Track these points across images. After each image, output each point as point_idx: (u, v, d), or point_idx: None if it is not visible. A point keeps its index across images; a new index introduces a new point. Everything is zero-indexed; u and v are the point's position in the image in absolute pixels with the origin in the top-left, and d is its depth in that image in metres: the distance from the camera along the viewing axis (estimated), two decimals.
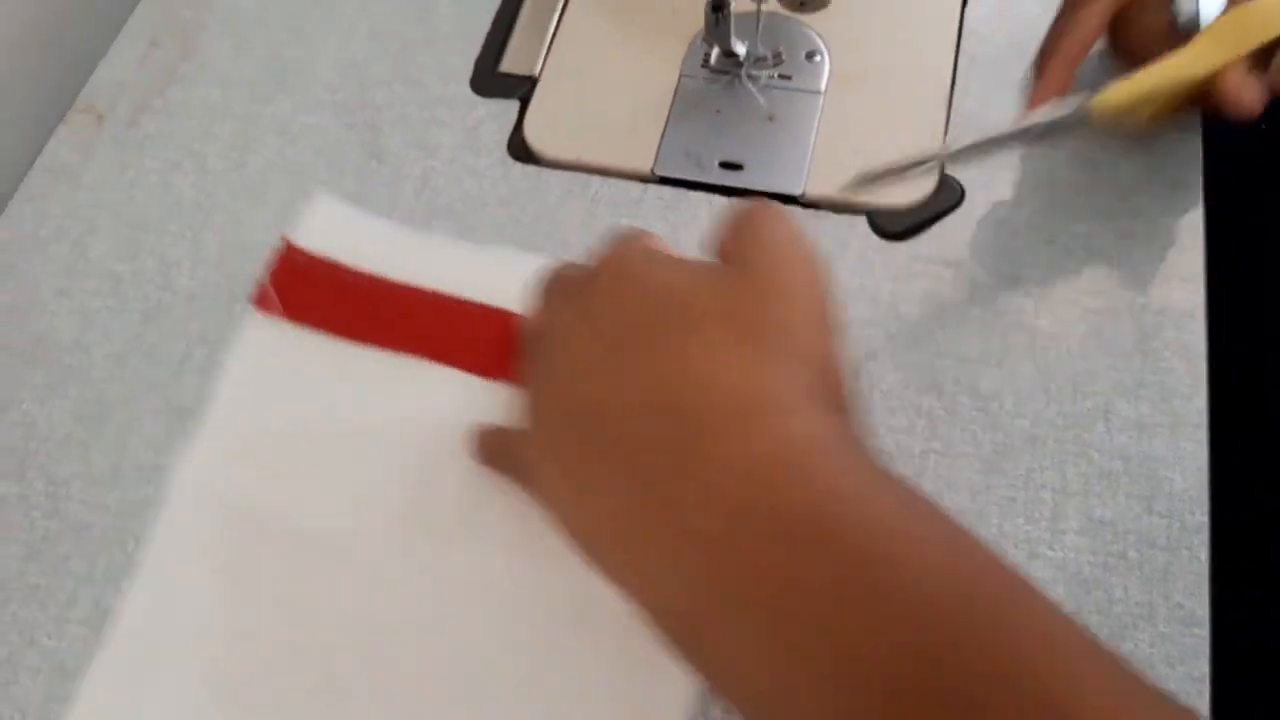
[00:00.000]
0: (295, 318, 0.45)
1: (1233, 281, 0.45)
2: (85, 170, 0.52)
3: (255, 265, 0.49)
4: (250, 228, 0.50)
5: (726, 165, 0.50)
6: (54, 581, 0.42)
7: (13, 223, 0.51)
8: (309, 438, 0.43)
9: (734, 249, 0.33)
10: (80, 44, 0.58)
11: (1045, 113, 0.42)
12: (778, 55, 0.52)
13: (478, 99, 0.53)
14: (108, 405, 0.46)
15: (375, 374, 0.44)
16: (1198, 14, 0.43)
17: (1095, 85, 0.42)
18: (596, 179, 0.50)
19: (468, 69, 0.54)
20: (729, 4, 0.50)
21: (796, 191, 0.49)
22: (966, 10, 0.53)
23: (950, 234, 0.47)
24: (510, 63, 0.54)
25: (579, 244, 0.48)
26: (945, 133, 0.50)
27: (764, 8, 0.51)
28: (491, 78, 0.54)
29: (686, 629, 0.29)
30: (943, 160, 0.42)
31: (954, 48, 0.52)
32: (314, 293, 0.46)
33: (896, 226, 0.48)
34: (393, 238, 0.48)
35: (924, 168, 0.42)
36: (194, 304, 0.48)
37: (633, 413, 0.30)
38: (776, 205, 0.34)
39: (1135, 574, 0.40)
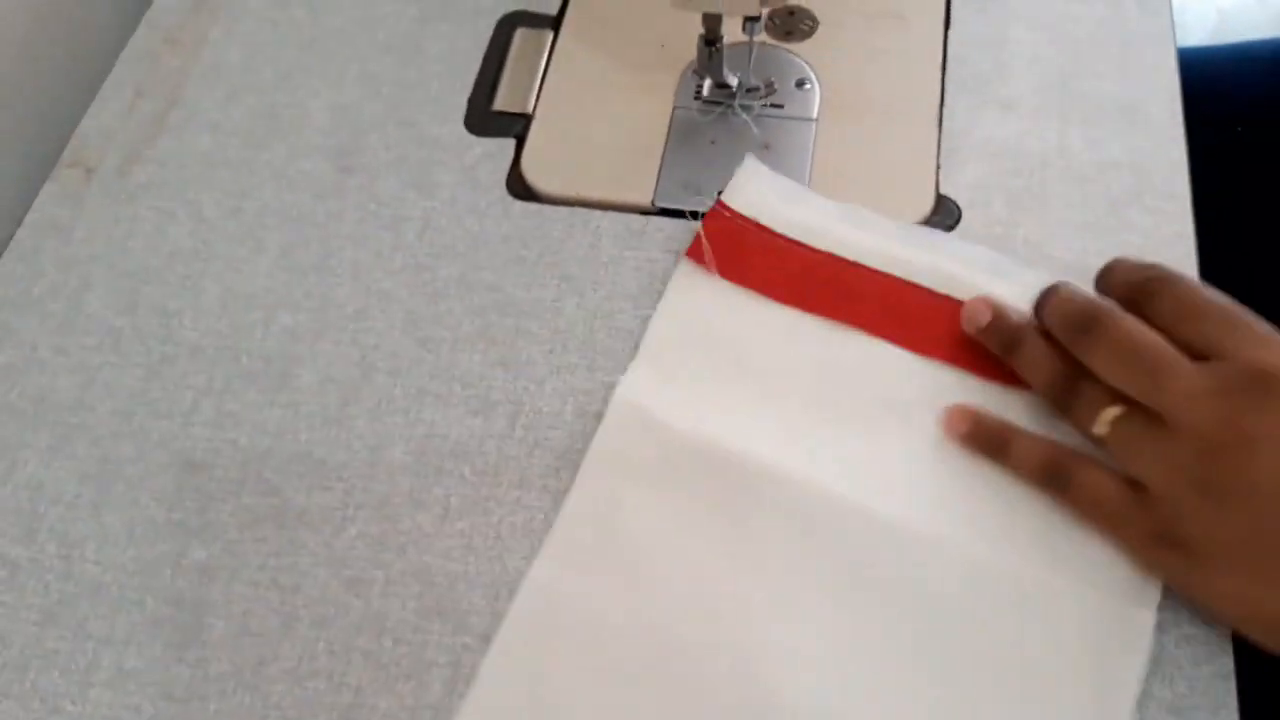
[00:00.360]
0: (724, 273, 0.47)
1: (1227, 288, 0.46)
2: (77, 224, 0.51)
3: (258, 313, 0.48)
4: (250, 275, 0.49)
5: None
6: (73, 645, 0.41)
7: (5, 282, 0.50)
8: (732, 388, 0.45)
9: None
10: (63, 97, 0.58)
11: None
12: (769, 85, 0.53)
13: (473, 138, 0.53)
14: (116, 463, 0.45)
15: (800, 334, 0.46)
16: None
17: None
18: (598, 213, 0.51)
19: (461, 108, 0.54)
20: (722, 38, 0.50)
21: None
22: (950, 33, 0.55)
23: None
24: (503, 101, 0.54)
25: (584, 278, 0.49)
26: (938, 152, 0.51)
27: (755, 40, 0.52)
28: (486, 116, 0.54)
29: None
30: None
31: (940, 69, 0.54)
32: (744, 252, 0.48)
33: None
34: (820, 207, 0.49)
35: None
36: (198, 355, 0.47)
37: None
38: None
39: None
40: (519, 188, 0.52)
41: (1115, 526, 0.40)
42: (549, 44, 0.56)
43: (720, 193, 0.49)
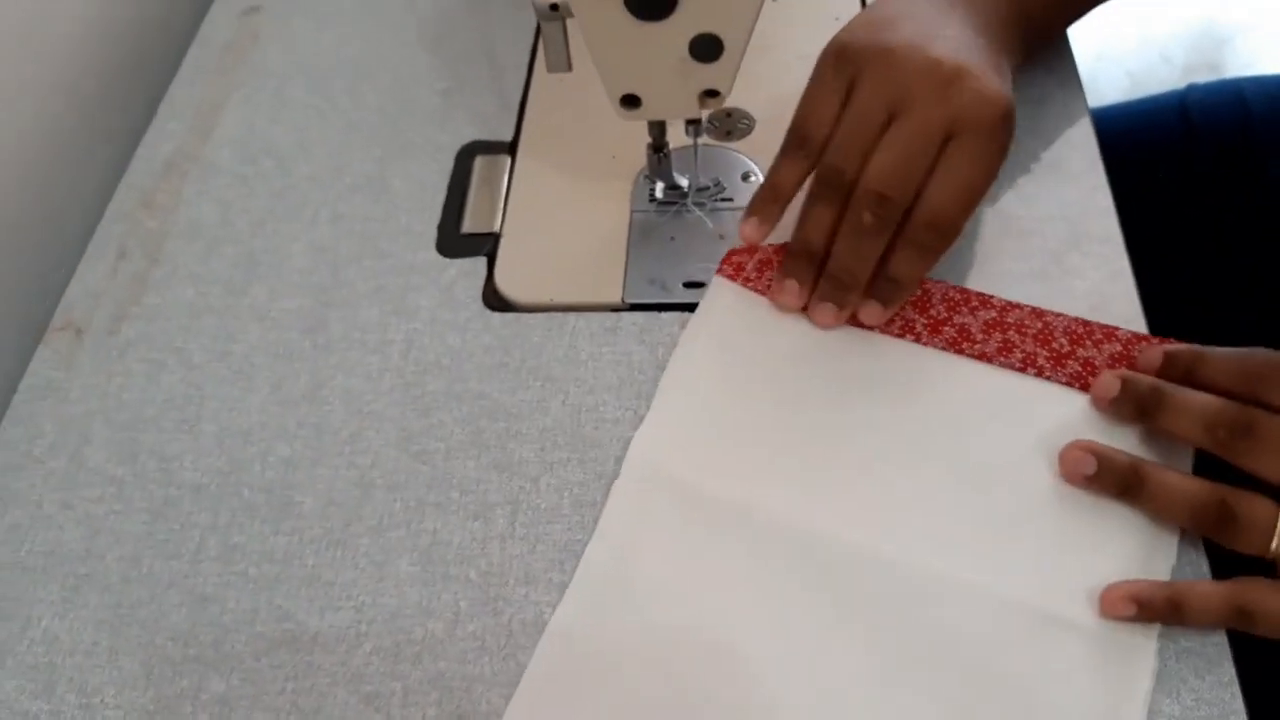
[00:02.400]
0: (758, 286, 0.51)
1: (1171, 317, 0.50)
2: (72, 384, 0.53)
3: (255, 447, 0.50)
4: (244, 412, 0.51)
5: (690, 284, 0.53)
6: None
7: (6, 447, 0.51)
8: (766, 414, 0.47)
9: None
10: (49, 263, 0.60)
11: None
12: (717, 182, 0.57)
13: (447, 260, 0.56)
14: (129, 607, 0.45)
15: (850, 353, 0.48)
16: None
17: None
18: (572, 315, 0.53)
19: (432, 235, 0.57)
20: (668, 144, 0.54)
21: None
22: None
23: None
24: (471, 223, 0.57)
25: (566, 377, 0.51)
26: None
27: (699, 142, 0.56)
28: (456, 239, 0.57)
29: None
30: None
31: None
32: (773, 267, 0.51)
33: None
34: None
35: None
36: (200, 495, 0.49)
37: None
38: None
39: None
40: (495, 300, 0.54)
41: None
42: (508, 167, 0.60)
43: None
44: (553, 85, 0.63)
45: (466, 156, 0.61)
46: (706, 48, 0.46)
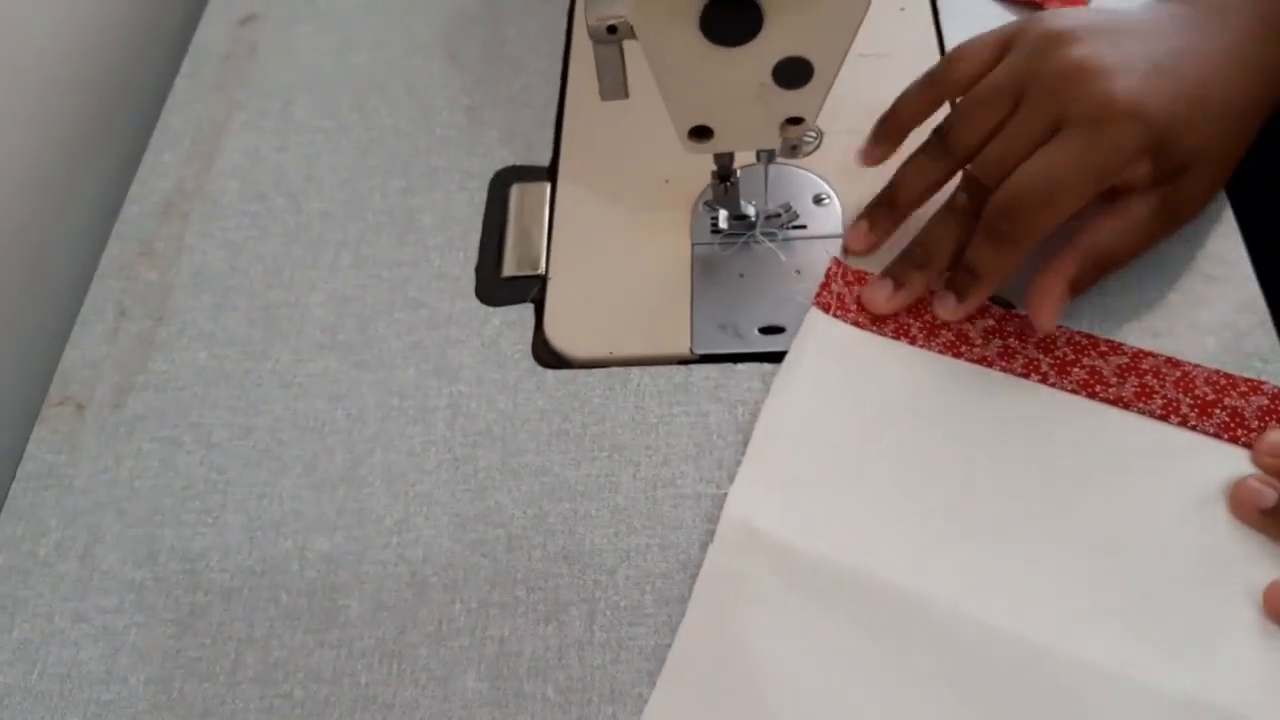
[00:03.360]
0: (857, 321, 0.46)
1: None
2: (76, 470, 0.47)
3: (290, 541, 0.44)
4: (275, 499, 0.45)
5: (767, 330, 0.48)
6: None
7: (5, 546, 0.46)
8: (877, 467, 0.42)
9: None
10: (40, 327, 0.54)
11: None
12: (788, 208, 0.51)
13: (488, 309, 0.50)
14: None
15: (971, 396, 0.44)
16: None
17: None
18: (636, 370, 0.47)
19: (470, 280, 0.51)
20: (735, 172, 0.48)
21: None
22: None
23: None
24: (513, 265, 0.51)
25: (636, 445, 0.45)
26: None
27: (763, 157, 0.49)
28: (497, 284, 0.51)
29: None
30: None
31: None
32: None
33: None
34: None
35: None
36: (232, 600, 0.43)
37: None
38: None
39: None
40: (547, 356, 0.48)
41: None
42: (548, 196, 0.53)
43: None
44: (592, 97, 0.56)
45: (501, 185, 0.54)
46: (794, 73, 0.39)
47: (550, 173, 0.54)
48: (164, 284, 0.53)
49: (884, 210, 0.48)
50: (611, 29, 0.41)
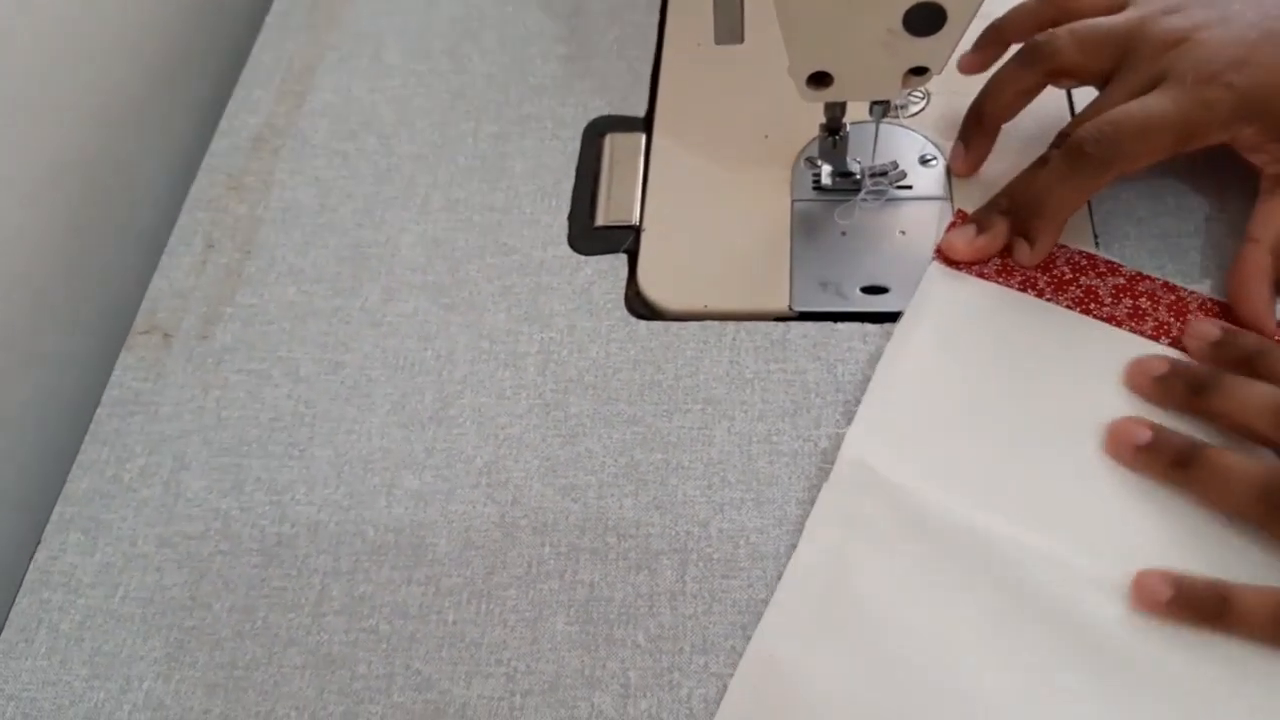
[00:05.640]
0: (984, 275, 0.45)
1: None
2: (162, 397, 0.47)
3: (378, 477, 0.43)
4: (363, 435, 0.45)
5: (870, 289, 0.46)
6: None
7: (89, 469, 0.45)
8: (996, 416, 0.41)
9: None
10: (128, 257, 0.54)
11: None
12: (894, 165, 0.49)
13: (581, 258, 0.49)
14: (245, 668, 0.40)
15: (1092, 346, 0.42)
16: None
17: None
18: (731, 325, 0.46)
19: (562, 228, 0.50)
20: (845, 126, 0.47)
21: None
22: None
23: None
24: (606, 215, 0.50)
25: (731, 400, 0.44)
26: (1090, 216, 0.47)
27: (867, 119, 0.48)
28: (591, 234, 0.50)
29: None
30: None
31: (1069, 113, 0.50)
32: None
33: None
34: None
35: None
36: (318, 533, 0.42)
37: None
38: None
39: None
40: (640, 307, 0.47)
41: None
42: (643, 147, 0.52)
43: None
44: (690, 48, 0.56)
45: (595, 134, 0.53)
46: (926, 19, 0.38)
47: (646, 124, 0.53)
48: (252, 218, 0.53)
49: (973, 125, 0.47)
50: None
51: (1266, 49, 0.41)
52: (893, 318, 0.45)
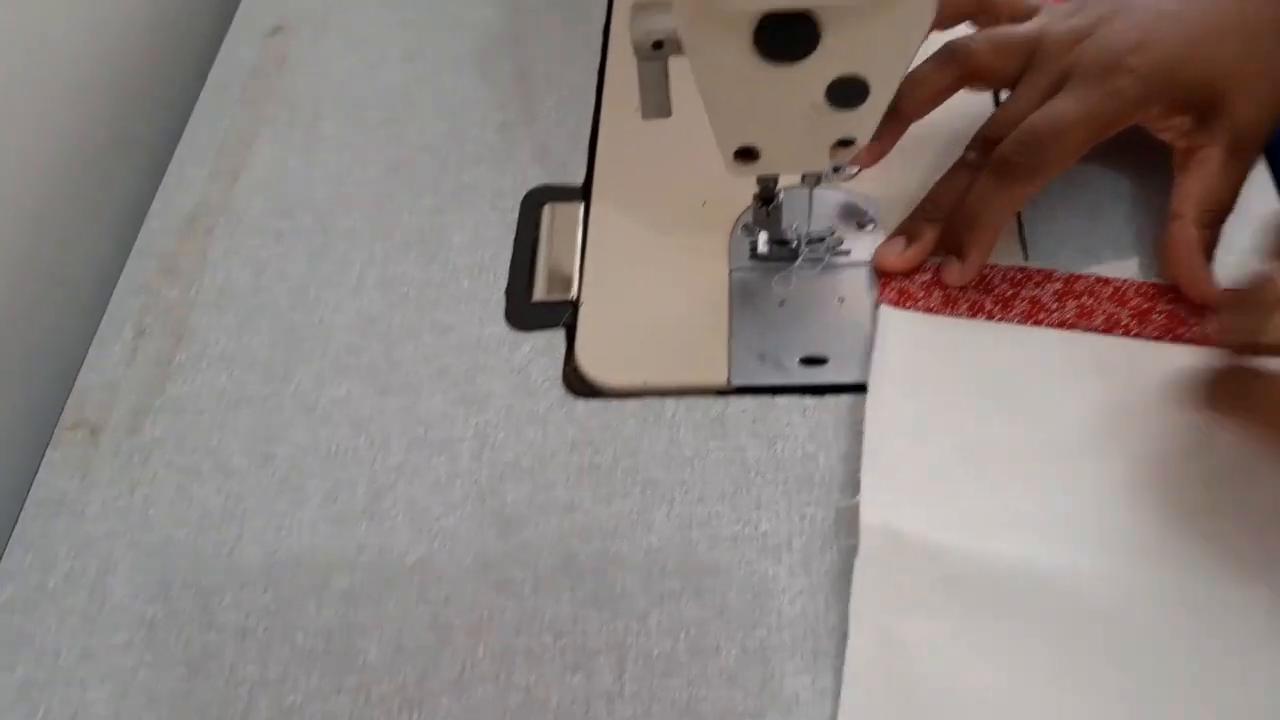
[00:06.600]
0: (935, 309, 0.45)
1: None
2: (88, 497, 0.46)
3: (309, 578, 0.42)
4: (294, 531, 0.43)
5: (809, 361, 0.45)
6: None
7: (13, 575, 0.44)
8: (999, 446, 0.41)
9: None
10: (56, 348, 0.53)
11: None
12: (832, 231, 0.48)
13: (519, 335, 0.48)
14: None
15: (1050, 350, 0.43)
16: None
17: None
18: (671, 401, 0.45)
19: (500, 303, 0.49)
20: (779, 194, 0.46)
21: None
22: None
23: None
24: (544, 289, 0.49)
25: (670, 481, 0.43)
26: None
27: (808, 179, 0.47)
28: (528, 309, 0.49)
29: None
30: None
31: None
32: (936, 284, 0.46)
33: None
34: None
35: None
36: (246, 641, 0.41)
37: None
38: None
39: None
40: (578, 384, 0.46)
41: None
42: (581, 217, 0.51)
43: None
44: (628, 115, 0.55)
45: (533, 204, 0.52)
46: (849, 93, 0.37)
47: (584, 192, 0.52)
48: (185, 302, 0.51)
49: (885, 120, 0.45)
50: (658, 44, 0.39)
51: (1161, 29, 0.43)
52: (833, 389, 0.44)
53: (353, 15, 0.62)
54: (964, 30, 0.48)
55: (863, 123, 0.39)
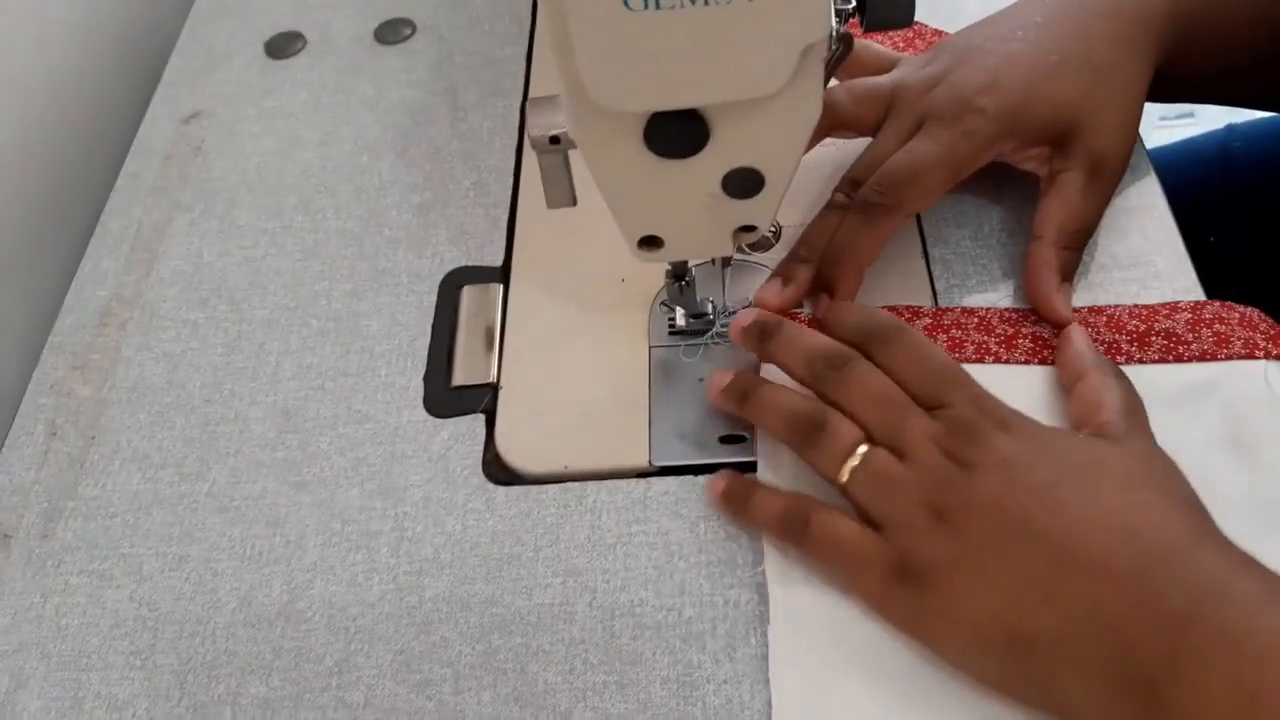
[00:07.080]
0: None
1: None
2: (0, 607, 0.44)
3: (223, 686, 0.41)
4: (208, 639, 0.43)
5: (728, 439, 0.45)
6: None
7: None
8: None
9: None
10: None
11: None
12: (747, 303, 0.48)
13: (437, 422, 0.48)
14: None
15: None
16: None
17: None
18: (592, 485, 0.45)
19: (418, 389, 0.49)
20: (690, 271, 0.46)
21: None
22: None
23: None
24: (463, 374, 0.49)
25: (592, 569, 0.43)
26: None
27: (718, 261, 0.47)
28: (447, 394, 0.48)
29: None
30: None
31: (920, 246, 0.50)
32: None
33: None
34: None
35: None
36: None
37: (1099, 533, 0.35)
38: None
39: None
40: (498, 471, 0.46)
41: (854, 568, 0.39)
42: (500, 299, 0.51)
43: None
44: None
45: (452, 287, 0.52)
46: (744, 184, 0.37)
47: (503, 273, 0.52)
48: (98, 400, 0.50)
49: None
50: (554, 139, 0.39)
51: (1009, 70, 0.46)
52: (752, 467, 0.44)
53: (270, 98, 0.62)
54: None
55: (761, 210, 0.39)
